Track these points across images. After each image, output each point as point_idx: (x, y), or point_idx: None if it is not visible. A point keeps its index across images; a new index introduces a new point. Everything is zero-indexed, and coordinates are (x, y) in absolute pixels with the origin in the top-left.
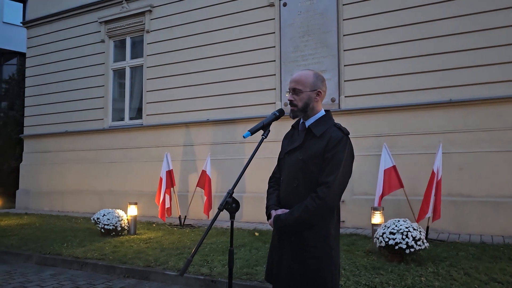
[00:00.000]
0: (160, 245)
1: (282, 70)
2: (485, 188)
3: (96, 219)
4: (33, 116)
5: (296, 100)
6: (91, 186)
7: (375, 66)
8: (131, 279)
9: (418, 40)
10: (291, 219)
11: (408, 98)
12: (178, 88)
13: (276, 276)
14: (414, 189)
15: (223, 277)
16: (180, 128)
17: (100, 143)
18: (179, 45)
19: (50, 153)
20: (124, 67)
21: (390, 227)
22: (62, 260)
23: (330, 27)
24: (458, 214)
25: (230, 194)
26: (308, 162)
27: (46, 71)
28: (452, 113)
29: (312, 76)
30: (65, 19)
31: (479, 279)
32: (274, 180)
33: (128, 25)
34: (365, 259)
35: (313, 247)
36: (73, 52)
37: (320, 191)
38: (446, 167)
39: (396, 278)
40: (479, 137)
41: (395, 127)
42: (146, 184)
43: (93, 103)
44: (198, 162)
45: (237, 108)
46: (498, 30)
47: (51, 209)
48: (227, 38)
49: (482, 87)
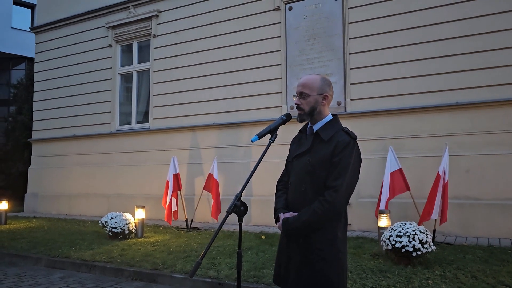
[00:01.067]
0: (168, 248)
1: (288, 73)
2: (492, 190)
3: (104, 222)
4: (41, 120)
5: (303, 104)
6: (98, 189)
7: (381, 69)
8: (139, 282)
9: (424, 43)
10: (299, 222)
11: (414, 101)
12: (185, 92)
13: (284, 279)
14: (421, 192)
15: (230, 280)
16: (186, 132)
17: (107, 147)
18: (186, 50)
19: (58, 157)
20: (131, 71)
21: (396, 230)
22: (71, 263)
23: (335, 31)
24: (465, 217)
25: (239, 197)
26: (316, 166)
27: (54, 76)
28: (459, 115)
29: (319, 80)
30: (73, 24)
31: (486, 282)
32: (282, 184)
33: (135, 30)
34: (371, 262)
35: (321, 250)
36: (81, 57)
37: (327, 195)
38: (452, 169)
39: (403, 281)
40: (486, 139)
41: (401, 130)
42: (153, 187)
43: (100, 107)
44: (205, 166)
45: (243, 112)
46: (505, 32)
47: (58, 212)
48: (233, 42)
49: (489, 89)
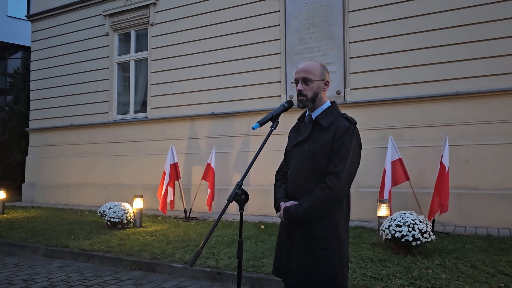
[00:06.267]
0: (166, 238)
1: (287, 62)
2: (491, 180)
3: (102, 212)
4: (38, 109)
5: (306, 90)
6: (96, 179)
7: (381, 58)
8: (138, 271)
9: (425, 32)
10: (301, 210)
11: (414, 91)
12: (183, 81)
13: (286, 269)
14: (420, 181)
15: (230, 269)
16: (185, 121)
17: (105, 137)
18: (184, 38)
19: (55, 146)
20: (129, 60)
21: (396, 219)
22: (69, 253)
23: (335, 19)
24: (464, 207)
25: (240, 185)
26: (317, 153)
27: (51, 65)
28: (459, 105)
29: (319, 66)
30: (69, 12)
31: (485, 271)
32: (281, 174)
33: (132, 18)
34: (371, 251)
35: (323, 238)
36: (78, 45)
37: (329, 181)
38: (452, 159)
39: (403, 271)
40: (486, 129)
41: (401, 120)
42: (151, 177)
43: (98, 97)
44: (203, 155)
45: (242, 101)
46: (505, 21)
47: (56, 202)
48: (231, 31)
49: (489, 79)
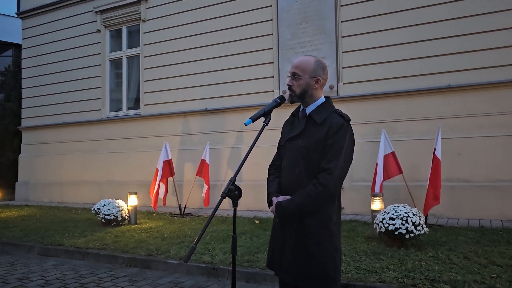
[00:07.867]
0: (161, 234)
1: (280, 57)
2: (483, 172)
3: (97, 209)
4: (30, 107)
5: (294, 86)
6: (90, 176)
7: (373, 52)
8: (133, 268)
9: (416, 26)
10: (292, 206)
11: (406, 84)
12: (176, 77)
13: (279, 263)
14: (413, 175)
15: (225, 265)
16: (178, 118)
17: (98, 134)
18: (176, 34)
19: (48, 144)
20: (121, 57)
21: (389, 212)
22: (64, 251)
23: (327, 14)
24: (456, 199)
25: (233, 181)
26: (310, 149)
27: (42, 62)
28: (451, 98)
29: (312, 63)
30: (60, 9)
31: (478, 262)
32: (274, 168)
33: (124, 14)
34: (365, 244)
35: (315, 233)
36: (69, 42)
37: (321, 178)
38: (444, 152)
39: (396, 263)
40: (477, 122)
41: (394, 114)
42: (145, 174)
43: (90, 94)
44: (196, 152)
45: (235, 97)
46: (496, 14)
47: (50, 200)
48: (224, 26)
49: (481, 72)
